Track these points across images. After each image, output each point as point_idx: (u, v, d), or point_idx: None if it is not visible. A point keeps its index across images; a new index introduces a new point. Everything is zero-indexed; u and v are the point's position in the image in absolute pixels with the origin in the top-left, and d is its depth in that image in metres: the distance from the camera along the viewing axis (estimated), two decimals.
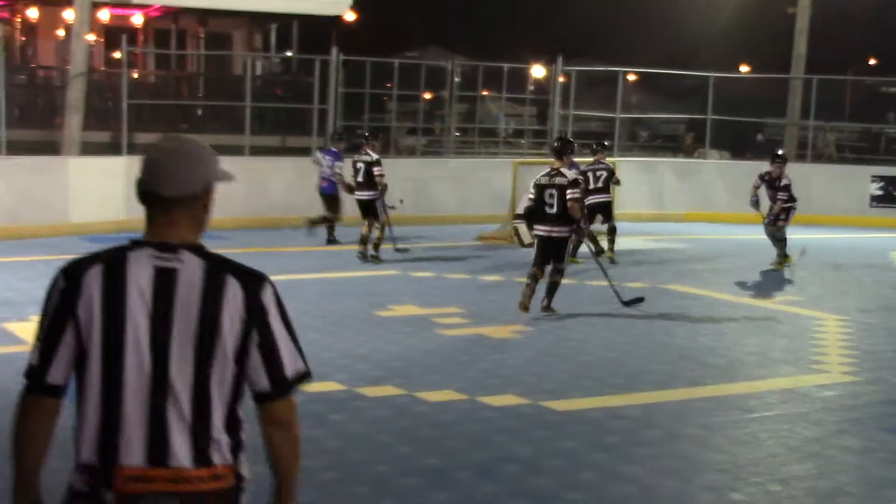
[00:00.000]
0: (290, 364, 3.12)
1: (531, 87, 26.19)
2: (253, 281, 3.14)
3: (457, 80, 23.00)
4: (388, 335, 10.47)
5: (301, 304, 11.88)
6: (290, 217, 19.12)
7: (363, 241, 15.16)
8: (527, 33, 46.87)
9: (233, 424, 3.09)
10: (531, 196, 11.88)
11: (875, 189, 23.40)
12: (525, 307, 11.62)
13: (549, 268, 11.83)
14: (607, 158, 16.99)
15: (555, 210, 11.59)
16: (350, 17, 31.48)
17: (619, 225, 16.64)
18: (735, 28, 39.96)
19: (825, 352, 10.35)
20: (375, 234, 15.30)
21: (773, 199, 15.62)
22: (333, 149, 17.04)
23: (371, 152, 15.47)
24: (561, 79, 23.38)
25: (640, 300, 12.23)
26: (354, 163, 15.53)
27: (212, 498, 3.02)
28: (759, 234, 16.48)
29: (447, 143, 23.06)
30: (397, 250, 15.73)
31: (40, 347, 3.01)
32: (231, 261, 3.17)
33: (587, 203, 14.87)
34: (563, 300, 12.52)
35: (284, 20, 26.34)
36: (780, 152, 16.78)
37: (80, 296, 2.97)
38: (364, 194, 15.32)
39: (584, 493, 6.37)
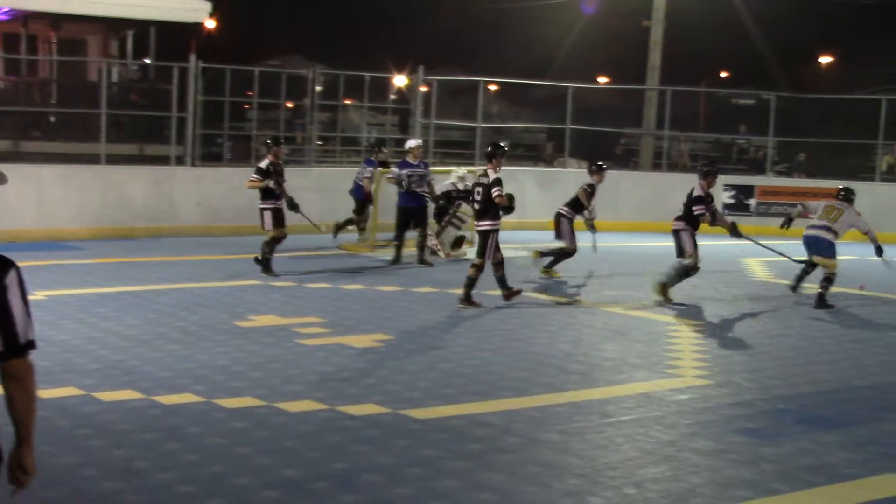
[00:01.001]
0: (23, 332, 3.90)
1: (393, 97, 26.23)
2: (1, 265, 3.91)
3: (318, 88, 22.87)
4: (248, 346, 10.34)
5: (159, 315, 11.68)
6: (148, 226, 18.76)
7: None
8: (388, 43, 46.93)
9: None
10: (477, 199, 13.07)
11: (727, 197, 24.09)
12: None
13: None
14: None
15: (478, 206, 12.96)
16: (210, 24, 31.07)
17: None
18: (592, 40, 40.71)
19: (679, 356, 10.60)
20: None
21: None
22: (372, 158, 18.85)
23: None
24: (423, 88, 23.48)
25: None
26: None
27: None
28: (615, 242, 16.79)
29: (309, 152, 22.91)
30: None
31: None
32: None
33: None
34: (425, 310, 12.58)
35: (141, 26, 25.81)
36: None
37: None
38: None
39: (444, 501, 6.38)
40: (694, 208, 13.96)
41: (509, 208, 13.07)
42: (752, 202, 24.00)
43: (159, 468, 6.75)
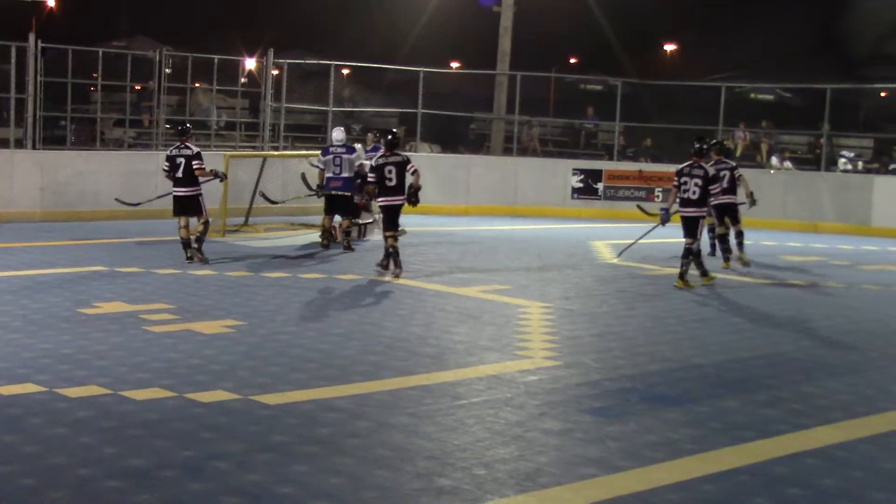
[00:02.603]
0: None
1: (243, 80, 25.83)
2: None
3: (166, 70, 22.40)
4: (93, 333, 10.09)
5: None
6: None
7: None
8: (238, 26, 46.22)
9: None
10: (371, 176, 14.44)
11: (576, 182, 24.53)
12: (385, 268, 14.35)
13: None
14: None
15: (394, 183, 14.31)
16: (51, 2, 30.15)
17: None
18: (442, 24, 40.85)
19: (529, 338, 10.75)
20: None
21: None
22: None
23: (191, 146, 14.85)
24: (273, 71, 23.23)
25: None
26: (174, 158, 14.78)
27: None
28: (465, 226, 16.93)
29: (157, 136, 22.43)
30: None
31: None
32: None
33: (713, 204, 15.32)
34: (275, 295, 12.48)
35: None
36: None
37: None
38: (184, 190, 14.75)
39: (294, 486, 6.34)
40: (710, 187, 14.34)
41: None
42: (601, 186, 24.48)
43: (1, 463, 6.55)
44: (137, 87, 23.38)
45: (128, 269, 13.82)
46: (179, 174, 14.68)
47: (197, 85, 25.14)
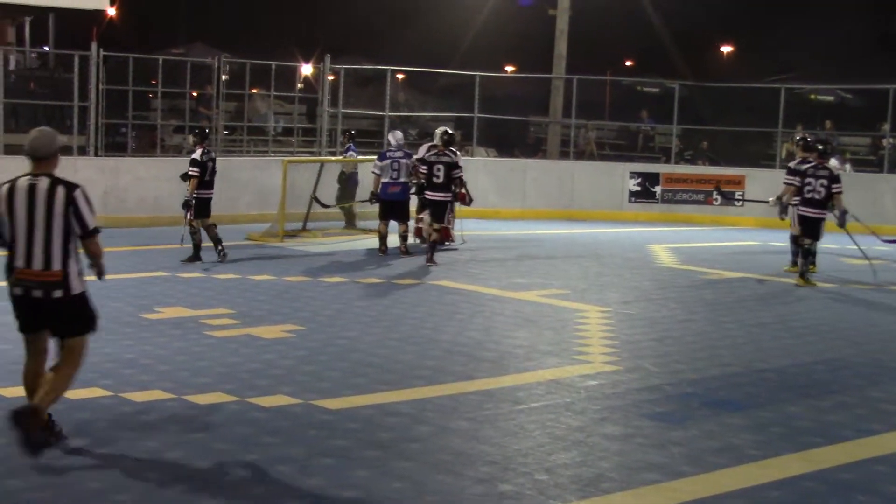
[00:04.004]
0: (90, 223, 6.84)
1: (300, 86, 26.04)
2: (70, 188, 6.80)
3: (224, 77, 22.61)
4: (156, 338, 10.20)
5: None
6: None
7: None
8: (295, 31, 46.57)
9: (65, 252, 6.80)
10: (423, 171, 15.82)
11: (633, 185, 24.40)
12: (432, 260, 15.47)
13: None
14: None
15: (441, 181, 15.59)
16: (111, 11, 30.55)
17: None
18: (498, 29, 40.85)
19: (588, 343, 10.71)
20: None
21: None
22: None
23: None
24: (329, 77, 23.36)
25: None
26: (205, 163, 15.07)
27: (51, 284, 6.78)
28: (522, 230, 16.91)
29: (215, 142, 22.65)
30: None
31: None
32: (61, 179, 6.82)
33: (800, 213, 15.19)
34: (334, 300, 12.55)
35: (39, 13, 25.28)
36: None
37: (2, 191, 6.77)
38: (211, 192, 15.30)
39: (357, 490, 6.37)
40: (834, 186, 14.69)
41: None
42: (658, 189, 24.34)
43: (65, 464, 6.63)
44: (194, 94, 23.63)
45: (188, 275, 13.95)
46: (207, 177, 15.03)
47: (254, 91, 25.36)
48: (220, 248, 15.10)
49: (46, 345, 7.04)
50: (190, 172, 14.85)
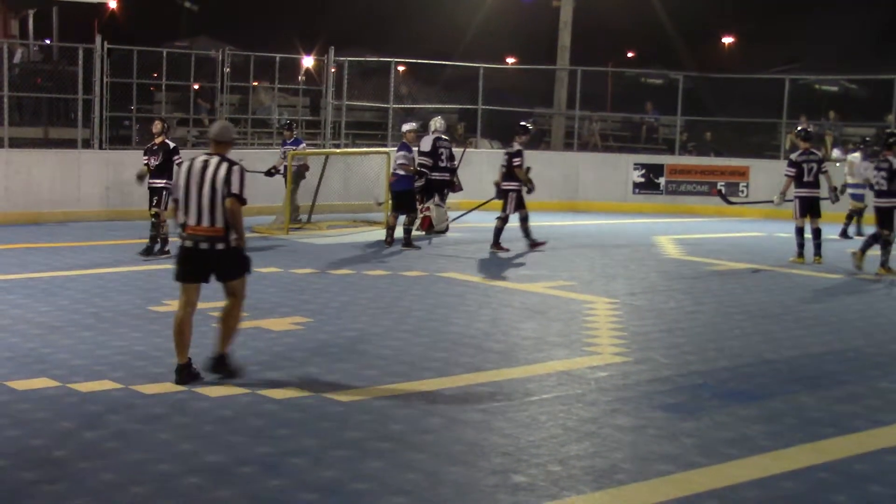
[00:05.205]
0: (235, 188, 8.23)
1: (303, 78, 25.99)
2: (231, 164, 8.31)
3: (227, 70, 22.57)
4: (165, 331, 10.12)
5: (71, 301, 11.47)
6: (55, 211, 18.41)
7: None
8: (297, 24, 46.44)
9: (223, 212, 8.22)
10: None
11: (637, 176, 24.39)
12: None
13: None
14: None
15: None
16: (113, 4, 30.50)
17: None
18: (500, 21, 40.76)
19: (597, 334, 10.70)
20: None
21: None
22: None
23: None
24: (333, 69, 23.32)
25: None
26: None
27: (215, 238, 8.28)
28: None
29: None
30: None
31: None
32: (228, 158, 8.38)
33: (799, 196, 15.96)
34: (342, 292, 12.54)
35: (43, 6, 25.24)
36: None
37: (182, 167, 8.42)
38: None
39: (371, 482, 6.37)
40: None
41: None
42: (662, 180, 24.32)
43: (79, 457, 6.63)
44: (195, 87, 23.59)
45: None
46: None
47: (258, 84, 25.31)
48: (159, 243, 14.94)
49: (197, 298, 8.55)
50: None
